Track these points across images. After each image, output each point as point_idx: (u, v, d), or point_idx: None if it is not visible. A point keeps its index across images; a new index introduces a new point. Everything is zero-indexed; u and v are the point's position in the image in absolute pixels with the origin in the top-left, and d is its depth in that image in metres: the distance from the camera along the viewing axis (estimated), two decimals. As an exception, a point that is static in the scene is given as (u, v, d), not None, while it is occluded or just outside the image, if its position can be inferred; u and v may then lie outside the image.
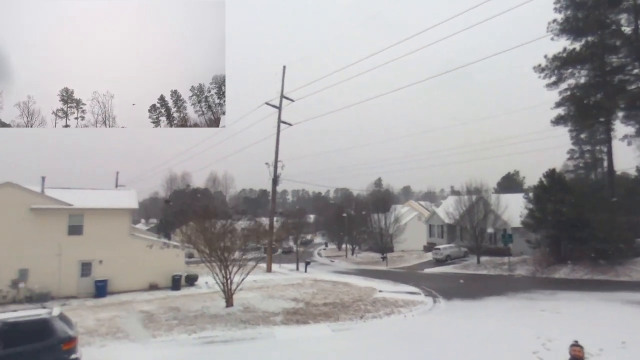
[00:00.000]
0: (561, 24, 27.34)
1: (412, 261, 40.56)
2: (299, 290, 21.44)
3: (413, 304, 17.52)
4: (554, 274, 25.06)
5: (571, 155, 49.11)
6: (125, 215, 23.71)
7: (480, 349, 10.83)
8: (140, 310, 16.91)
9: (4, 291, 20.29)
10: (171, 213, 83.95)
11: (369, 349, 11.35)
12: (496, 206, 33.61)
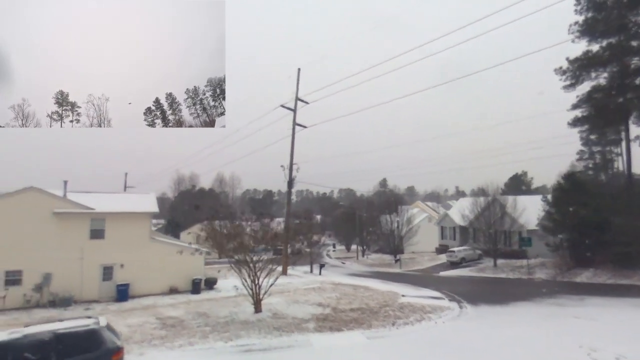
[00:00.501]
0: (582, 26, 27.13)
1: (425, 263, 40.41)
2: (321, 295, 21.36)
3: (440, 310, 17.41)
4: (575, 278, 24.89)
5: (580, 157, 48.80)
6: (145, 219, 23.71)
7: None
8: (169, 315, 16.86)
9: (28, 295, 20.31)
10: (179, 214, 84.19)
11: (409, 358, 11.26)
12: (513, 208, 33.40)
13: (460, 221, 42.97)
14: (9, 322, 17.49)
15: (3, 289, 19.79)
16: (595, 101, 29.01)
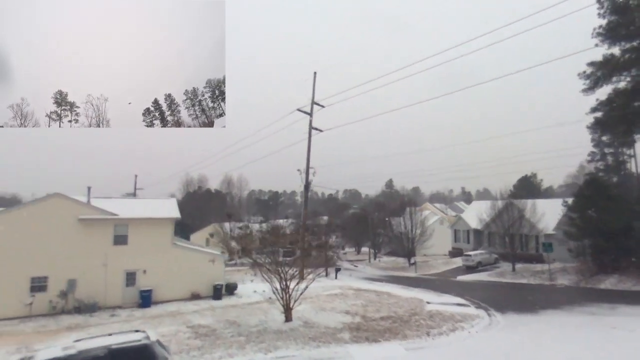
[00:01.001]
0: (604, 30, 26.89)
1: (441, 267, 40.19)
2: (346, 302, 21.25)
3: (471, 319, 17.25)
4: (599, 284, 24.62)
5: (592, 158, 48.46)
6: (168, 225, 23.68)
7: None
8: (199, 324, 16.79)
9: (54, 302, 20.31)
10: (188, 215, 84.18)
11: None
12: (532, 213, 33.14)
13: (475, 225, 42.76)
14: (37, 329, 17.54)
15: (29, 295, 19.81)
16: (617, 105, 28.72)
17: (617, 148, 41.68)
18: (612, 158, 44.95)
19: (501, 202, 37.02)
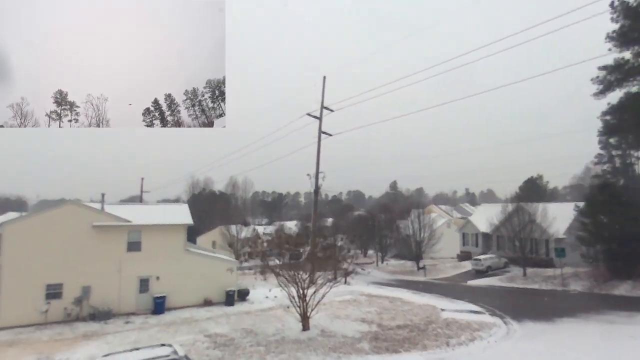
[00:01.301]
0: (617, 34, 26.77)
1: (450, 271, 40.05)
2: (359, 309, 21.20)
3: (488, 327, 17.17)
4: (612, 290, 24.45)
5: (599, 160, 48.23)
6: (180, 231, 23.72)
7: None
8: (215, 332, 16.79)
9: (69, 309, 20.38)
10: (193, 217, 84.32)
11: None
12: (543, 217, 32.98)
13: (484, 228, 42.61)
14: (54, 337, 17.59)
15: (45, 302, 19.88)
16: (630, 108, 28.57)
17: (625, 150, 41.50)
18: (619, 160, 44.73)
19: (511, 205, 36.89)
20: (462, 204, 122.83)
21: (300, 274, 16.20)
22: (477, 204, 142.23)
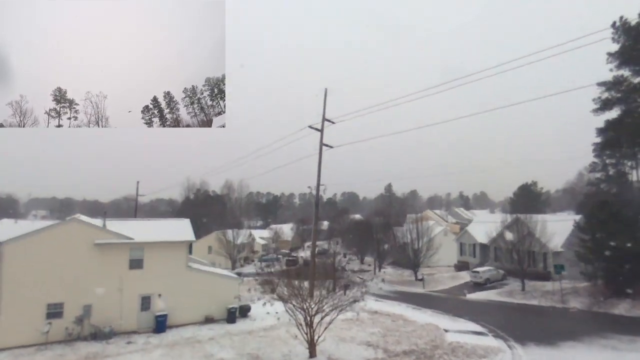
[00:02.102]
0: (617, 54, 27.10)
1: (448, 282, 40.23)
2: (363, 330, 21.19)
3: (493, 353, 17.25)
4: (612, 309, 24.72)
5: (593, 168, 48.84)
6: (182, 248, 23.49)
7: None
8: (221, 358, 16.64)
9: (70, 328, 20.09)
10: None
11: None
12: (542, 232, 33.25)
13: (481, 239, 42.88)
14: (55, 358, 17.34)
15: (46, 322, 19.57)
16: (626, 124, 29.02)
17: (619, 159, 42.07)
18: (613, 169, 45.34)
19: (509, 217, 37.19)
20: (456, 208, 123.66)
21: (308, 303, 16.07)
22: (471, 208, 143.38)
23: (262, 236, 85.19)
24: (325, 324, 16.63)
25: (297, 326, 16.36)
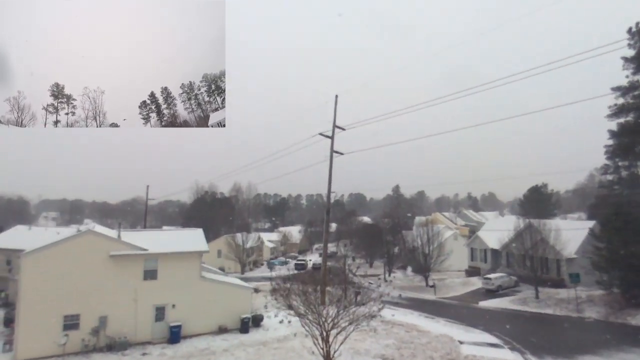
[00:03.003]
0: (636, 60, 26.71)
1: (460, 289, 39.90)
2: (377, 341, 21.07)
3: (510, 367, 17.07)
4: (629, 319, 24.32)
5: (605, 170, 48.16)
6: (196, 258, 23.58)
7: None
8: (237, 372, 16.67)
9: (86, 339, 20.27)
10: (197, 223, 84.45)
11: None
12: (556, 239, 32.84)
13: (493, 244, 42.52)
14: (72, 372, 17.47)
15: (62, 333, 19.75)
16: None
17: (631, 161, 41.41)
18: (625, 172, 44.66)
19: (522, 222, 36.83)
20: (465, 210, 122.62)
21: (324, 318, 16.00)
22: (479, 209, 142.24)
23: (271, 239, 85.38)
24: (342, 338, 16.54)
25: (313, 341, 16.31)
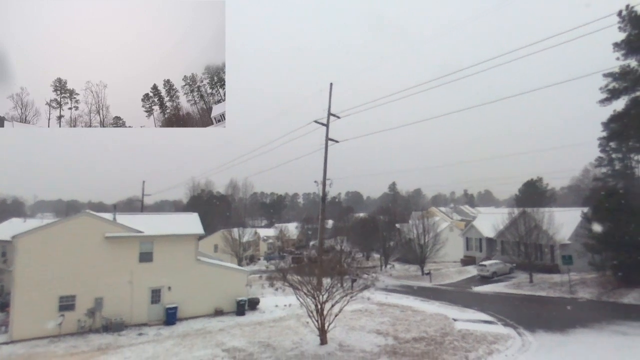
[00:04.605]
0: (624, 43, 27.01)
1: (455, 277, 40.18)
2: (372, 319, 21.26)
3: (503, 339, 17.24)
4: (622, 298, 24.61)
5: (599, 163, 48.58)
6: (192, 241, 23.72)
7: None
8: (233, 346, 16.80)
9: (82, 320, 20.35)
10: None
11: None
12: (549, 224, 33.14)
13: (488, 233, 42.80)
14: (69, 350, 17.58)
15: (58, 314, 19.82)
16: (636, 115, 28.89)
17: (625, 154, 41.79)
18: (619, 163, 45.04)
19: (516, 210, 37.11)
20: (461, 206, 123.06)
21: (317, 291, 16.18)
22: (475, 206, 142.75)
23: (268, 235, 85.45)
24: (336, 312, 16.72)
25: (308, 314, 16.48)
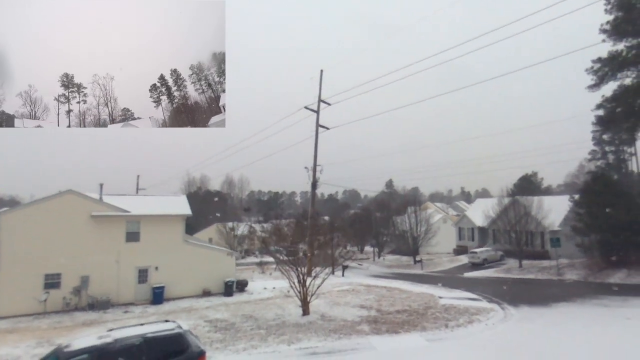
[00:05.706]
0: (610, 26, 27.14)
1: (446, 265, 40.30)
2: (358, 297, 21.34)
3: (485, 312, 17.37)
4: (608, 278, 24.78)
5: (593, 156, 48.82)
6: (179, 222, 23.72)
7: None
8: (216, 318, 16.87)
9: (67, 298, 20.35)
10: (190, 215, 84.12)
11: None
12: (538, 210, 33.31)
13: (480, 222, 42.93)
14: (53, 325, 17.58)
15: (43, 292, 19.81)
16: (623, 101, 28.98)
17: (618, 146, 42.01)
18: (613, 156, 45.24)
19: (507, 199, 37.28)
20: (458, 202, 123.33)
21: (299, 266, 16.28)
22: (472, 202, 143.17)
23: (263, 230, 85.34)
24: (318, 283, 16.81)
25: (291, 285, 16.56)
